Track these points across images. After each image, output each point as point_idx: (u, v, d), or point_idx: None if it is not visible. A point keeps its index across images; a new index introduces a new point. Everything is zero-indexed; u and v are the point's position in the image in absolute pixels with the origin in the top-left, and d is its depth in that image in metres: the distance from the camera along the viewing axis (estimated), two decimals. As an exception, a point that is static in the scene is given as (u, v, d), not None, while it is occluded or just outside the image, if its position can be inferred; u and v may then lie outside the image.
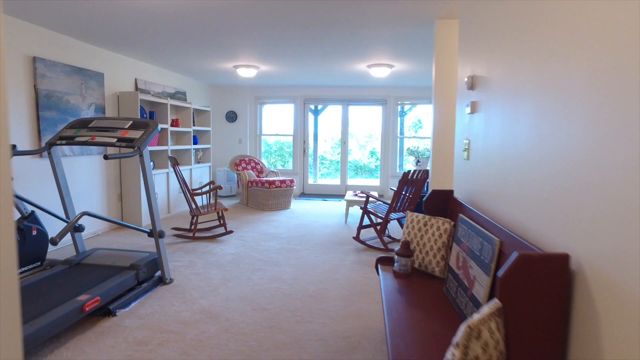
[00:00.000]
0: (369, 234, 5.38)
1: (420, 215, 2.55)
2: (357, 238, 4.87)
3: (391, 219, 4.57)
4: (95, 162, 5.09)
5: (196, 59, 5.77)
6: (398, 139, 8.81)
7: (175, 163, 4.81)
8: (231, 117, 8.90)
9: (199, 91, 8.05)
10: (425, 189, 5.47)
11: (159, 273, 3.51)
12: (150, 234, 3.28)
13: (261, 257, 4.28)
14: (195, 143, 7.33)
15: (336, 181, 9.62)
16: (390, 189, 5.34)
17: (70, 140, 3.05)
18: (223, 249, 4.57)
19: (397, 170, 8.87)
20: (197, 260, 4.13)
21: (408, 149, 8.11)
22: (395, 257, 2.45)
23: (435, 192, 2.60)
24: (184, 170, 6.82)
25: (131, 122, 3.19)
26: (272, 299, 3.22)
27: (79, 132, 3.11)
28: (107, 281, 2.91)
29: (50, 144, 3.06)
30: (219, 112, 8.95)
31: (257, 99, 9.02)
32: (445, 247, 2.38)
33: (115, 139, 3.02)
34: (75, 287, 2.79)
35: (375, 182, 10.49)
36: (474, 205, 2.29)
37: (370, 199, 6.07)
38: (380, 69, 6.12)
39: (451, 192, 2.60)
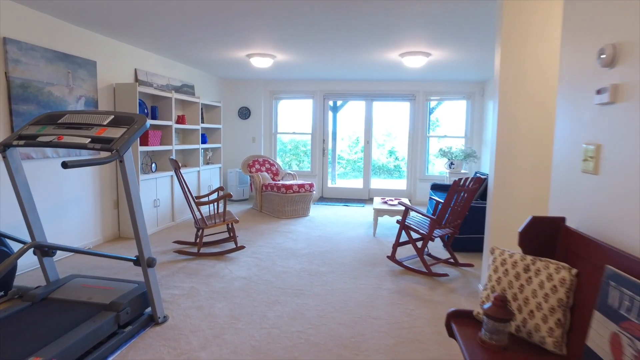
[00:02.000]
0: (404, 250, 4.57)
1: (518, 255, 1.73)
2: (392, 258, 4.06)
3: (435, 237, 3.75)
4: (86, 165, 4.37)
5: (204, 46, 5.02)
6: (427, 138, 7.95)
7: (177, 167, 4.06)
8: (244, 113, 8.15)
9: (209, 85, 7.32)
10: (477, 200, 4.63)
11: (149, 309, 2.76)
12: (137, 262, 2.53)
13: (278, 283, 3.50)
14: (204, 142, 6.60)
15: (357, 183, 8.79)
16: (431, 197, 4.51)
17: (30, 141, 2.31)
18: (232, 270, 3.81)
19: (426, 173, 8.02)
20: (200, 287, 3.37)
21: (440, 149, 7.25)
22: (484, 318, 1.64)
23: (536, 221, 1.78)
24: (191, 172, 6.09)
25: (112, 117, 2.44)
26: (294, 349, 2.44)
27: (44, 130, 2.38)
28: (75, 330, 2.16)
29: (5, 145, 2.33)
30: (231, 108, 8.21)
31: (272, 94, 8.26)
32: (562, 308, 1.56)
33: (89, 139, 2.27)
34: (28, 341, 2.05)
35: (398, 184, 9.63)
36: (622, 245, 1.46)
37: (397, 206, 5.25)
38: (415, 58, 5.28)
39: (561, 220, 1.78)
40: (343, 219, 6.22)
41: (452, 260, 4.07)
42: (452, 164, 7.13)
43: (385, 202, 5.58)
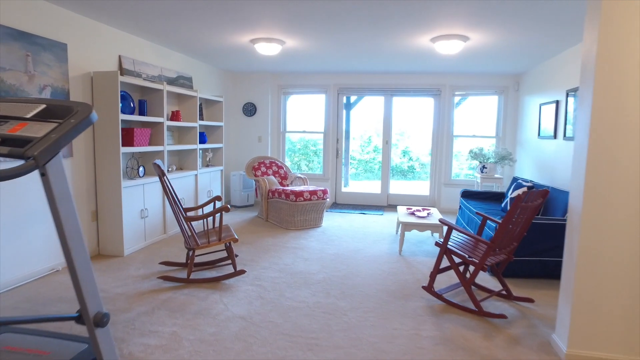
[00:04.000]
0: (440, 275, 3.74)
1: None
2: (429, 289, 3.23)
3: (488, 265, 2.91)
4: (55, 169, 3.61)
5: (202, 29, 4.23)
6: (452, 138, 7.09)
7: (161, 173, 3.27)
8: (249, 110, 7.36)
9: (210, 77, 6.54)
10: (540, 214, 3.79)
11: (106, 378, 1.97)
12: (80, 319, 1.73)
13: (286, 327, 2.70)
14: (202, 142, 5.83)
15: (373, 187, 7.96)
16: (477, 213, 3.68)
17: None
18: (228, 304, 3.01)
19: (452, 177, 7.16)
20: (184, 333, 2.58)
21: (470, 151, 6.39)
22: None
23: None
24: (187, 176, 5.31)
25: (43, 106, 1.65)
26: None
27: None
28: None
29: None
30: (235, 103, 7.42)
31: (280, 88, 7.45)
32: None
33: (-1, 140, 1.49)
34: None
35: (419, 188, 8.78)
36: None
37: (428, 218, 4.41)
38: (449, 44, 4.43)
39: None
40: (361, 231, 5.40)
41: (504, 292, 3.23)
42: (484, 167, 6.27)
43: (413, 214, 4.75)
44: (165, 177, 3.29)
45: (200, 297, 3.13)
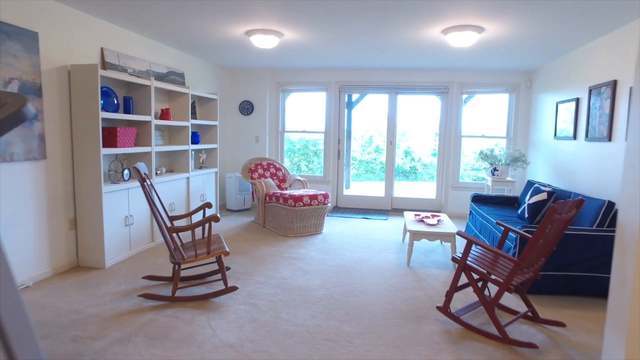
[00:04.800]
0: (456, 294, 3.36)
1: None
2: (444, 310, 2.86)
3: (513, 285, 2.54)
4: (25, 171, 3.23)
5: (193, 19, 3.85)
6: (460, 138, 6.71)
7: (141, 178, 2.89)
8: (246, 108, 6.98)
9: (204, 74, 6.16)
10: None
11: None
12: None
13: (282, 358, 2.32)
14: (195, 142, 5.45)
15: (375, 189, 7.60)
16: (497, 224, 3.32)
17: None
18: (217, 329, 2.63)
19: (460, 180, 6.78)
20: (162, 367, 2.20)
21: (480, 152, 6.01)
22: None
23: None
24: (179, 179, 4.93)
25: (-34, 98, 1.27)
26: None
27: None
28: None
29: None
30: (231, 101, 7.04)
31: (279, 86, 7.07)
32: None
33: None
34: None
35: (424, 191, 8.41)
36: None
37: (438, 226, 4.03)
38: (462, 35, 4.06)
39: None
40: (364, 238, 5.02)
41: (530, 313, 2.86)
42: (495, 169, 5.89)
43: (422, 221, 4.37)
44: (146, 183, 2.91)
45: (185, 320, 2.75)
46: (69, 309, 2.85)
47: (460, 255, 2.85)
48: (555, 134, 5.21)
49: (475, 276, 3.16)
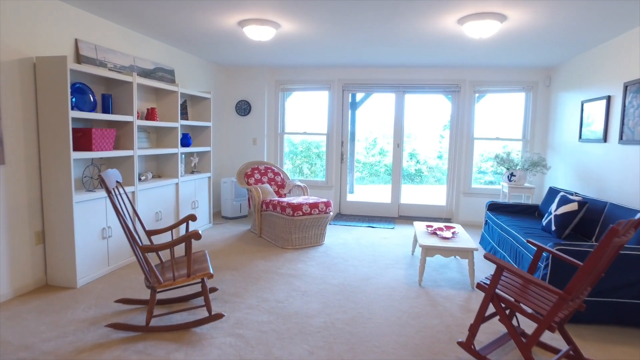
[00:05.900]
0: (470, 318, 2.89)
1: None
2: (468, 347, 2.38)
3: (556, 322, 2.07)
4: (-21, 181, 2.80)
5: (181, 8, 3.40)
6: (473, 140, 6.24)
7: (107, 189, 2.44)
8: (243, 108, 6.54)
9: (197, 71, 5.72)
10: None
11: None
12: None
13: (271, 416, 1.86)
14: (186, 144, 5.01)
15: (381, 194, 7.14)
16: (529, 242, 2.85)
17: None
18: (194, 371, 2.18)
19: (472, 185, 6.30)
20: None
21: (496, 155, 5.54)
22: None
23: None
24: (167, 185, 4.48)
25: None
26: None
27: None
28: None
29: None
30: (226, 101, 6.60)
31: (278, 84, 6.63)
32: None
33: None
34: None
35: (433, 196, 7.94)
36: None
37: (454, 240, 3.56)
38: (482, 25, 3.59)
39: None
40: (370, 250, 4.55)
41: (572, 352, 2.38)
42: (512, 174, 5.41)
43: (435, 233, 3.90)
44: (112, 195, 2.45)
45: (157, 357, 2.30)
46: (20, 344, 2.40)
47: (486, 282, 2.38)
48: (580, 136, 4.72)
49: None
